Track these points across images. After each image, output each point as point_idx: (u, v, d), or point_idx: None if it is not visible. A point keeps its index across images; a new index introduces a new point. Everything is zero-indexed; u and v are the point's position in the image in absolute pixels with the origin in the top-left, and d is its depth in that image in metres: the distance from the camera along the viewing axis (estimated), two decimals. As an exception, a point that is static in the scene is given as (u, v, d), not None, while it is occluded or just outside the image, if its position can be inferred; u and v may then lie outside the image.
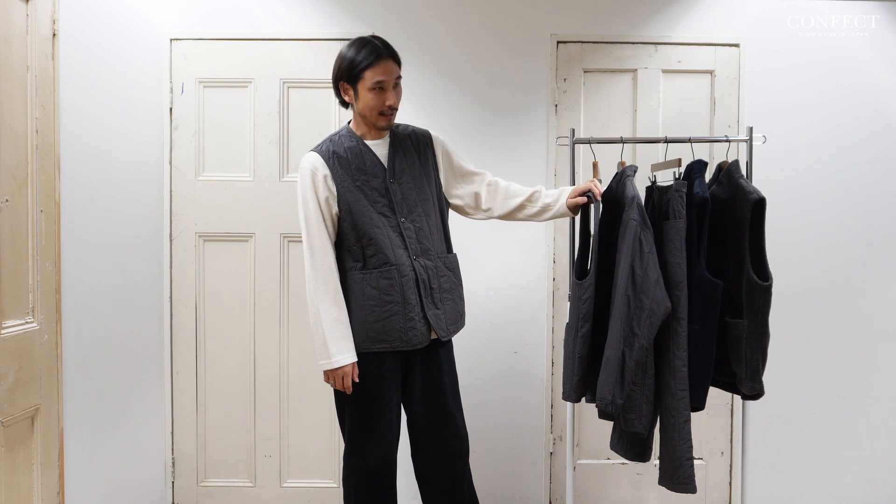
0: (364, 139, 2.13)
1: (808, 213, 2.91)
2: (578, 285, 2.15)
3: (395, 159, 2.13)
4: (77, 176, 2.52)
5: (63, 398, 2.25)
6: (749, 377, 2.09)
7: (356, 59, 2.03)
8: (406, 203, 2.11)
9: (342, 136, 2.14)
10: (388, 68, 2.04)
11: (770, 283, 2.05)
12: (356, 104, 2.08)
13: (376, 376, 2.09)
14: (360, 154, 2.10)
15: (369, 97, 2.04)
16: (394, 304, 2.06)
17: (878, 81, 2.92)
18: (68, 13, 2.47)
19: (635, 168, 2.23)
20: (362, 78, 2.03)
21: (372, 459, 2.10)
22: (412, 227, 2.11)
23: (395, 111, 2.10)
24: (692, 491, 2.06)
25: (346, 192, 2.06)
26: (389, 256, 2.06)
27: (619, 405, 2.05)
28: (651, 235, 2.06)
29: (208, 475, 2.92)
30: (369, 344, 2.07)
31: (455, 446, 2.16)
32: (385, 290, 2.06)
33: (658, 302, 2.01)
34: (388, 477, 2.15)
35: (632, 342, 2.04)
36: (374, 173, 2.10)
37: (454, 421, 2.17)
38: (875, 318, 2.93)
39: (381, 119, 2.07)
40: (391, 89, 2.06)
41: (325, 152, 2.09)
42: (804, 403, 2.94)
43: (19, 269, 2.01)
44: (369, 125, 2.11)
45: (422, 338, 2.10)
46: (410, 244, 2.09)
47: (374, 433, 2.10)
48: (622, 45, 2.90)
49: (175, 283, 2.88)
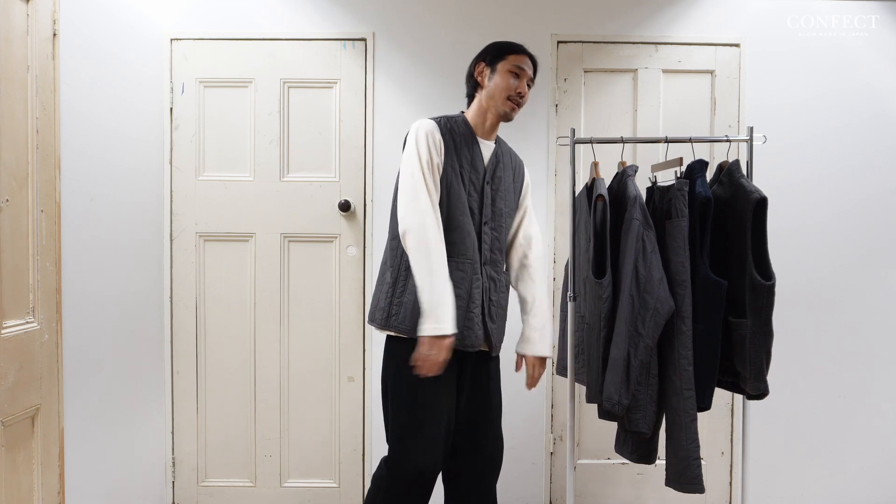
0: (476, 134, 2.12)
1: (808, 213, 2.91)
2: (599, 284, 2.13)
3: (496, 165, 2.12)
4: (78, 176, 2.52)
5: (63, 398, 2.25)
6: (754, 377, 2.09)
7: (506, 44, 2.11)
8: (493, 209, 2.09)
9: (458, 121, 2.11)
10: (529, 64, 2.11)
11: (773, 282, 2.05)
12: (487, 87, 2.08)
13: (439, 374, 1.95)
14: (472, 144, 2.08)
15: (506, 79, 2.06)
16: (460, 299, 1.98)
17: (879, 81, 2.92)
18: (69, 13, 2.47)
19: (636, 168, 2.23)
20: (505, 59, 2.07)
21: (423, 464, 1.95)
22: (490, 234, 2.08)
23: (521, 104, 2.10)
24: (700, 491, 2.06)
25: (449, 169, 2.02)
26: (468, 250, 2.01)
27: (624, 405, 2.05)
28: (654, 235, 2.06)
29: (209, 475, 2.92)
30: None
31: (493, 455, 2.12)
32: (457, 281, 1.98)
33: (662, 301, 2.01)
34: (428, 485, 2.01)
35: (636, 342, 2.03)
36: (476, 168, 2.08)
37: (494, 430, 2.13)
38: (875, 317, 2.93)
39: (507, 104, 2.07)
40: (524, 81, 2.09)
41: (442, 125, 2.06)
42: (804, 403, 2.94)
43: (20, 268, 2.01)
44: (491, 114, 2.09)
45: (475, 341, 2.02)
46: (484, 249, 2.06)
47: (422, 437, 1.96)
48: (622, 45, 2.90)
49: (175, 283, 2.88)
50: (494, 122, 2.12)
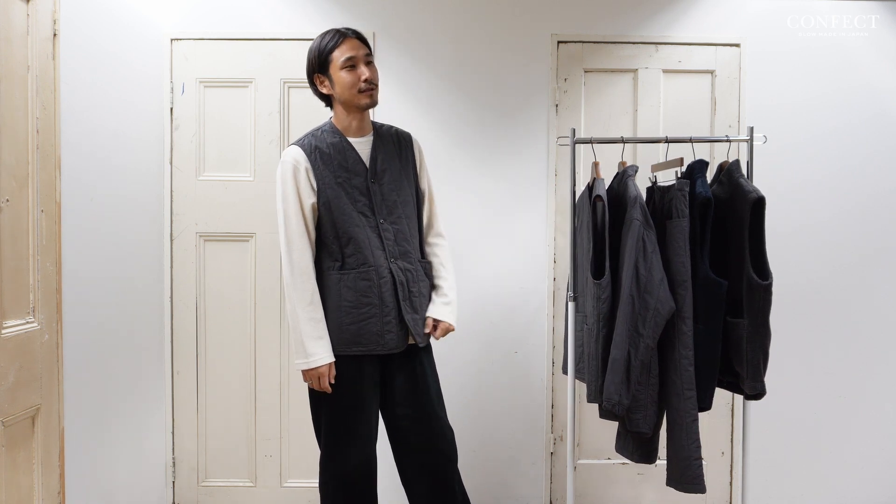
0: (346, 135, 2.10)
1: (808, 213, 2.91)
2: (597, 285, 2.13)
3: (377, 159, 2.10)
4: (78, 176, 2.52)
5: (64, 398, 2.25)
6: (751, 377, 2.09)
7: (321, 46, 2.05)
8: (386, 204, 2.08)
9: (325, 132, 2.10)
10: (354, 44, 2.04)
11: (770, 282, 2.05)
12: (335, 92, 2.06)
13: (355, 379, 2.05)
14: (343, 151, 2.07)
15: (343, 76, 2.02)
16: (371, 307, 2.02)
17: (879, 81, 2.92)
18: (69, 13, 2.46)
19: (636, 168, 2.23)
20: (331, 61, 2.03)
21: (352, 463, 2.05)
22: (391, 229, 2.08)
23: (375, 87, 2.06)
24: (701, 491, 2.06)
25: (326, 189, 2.03)
26: (368, 257, 2.03)
27: (625, 405, 2.05)
28: (654, 235, 2.06)
29: (209, 475, 2.92)
30: (344, 347, 2.03)
31: (442, 447, 2.12)
32: (363, 291, 2.02)
33: (663, 302, 2.01)
34: (369, 481, 2.10)
35: (637, 342, 2.04)
36: (356, 171, 2.07)
37: (439, 421, 2.12)
38: (875, 317, 2.94)
39: (362, 97, 2.03)
40: (363, 65, 2.03)
41: (306, 146, 2.06)
42: (804, 403, 2.94)
43: (20, 268, 2.01)
44: (352, 111, 2.08)
45: (398, 342, 2.06)
46: (388, 246, 2.06)
47: (353, 437, 2.05)
48: (623, 45, 2.90)
49: (176, 283, 2.88)
50: (360, 116, 2.10)
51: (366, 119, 2.13)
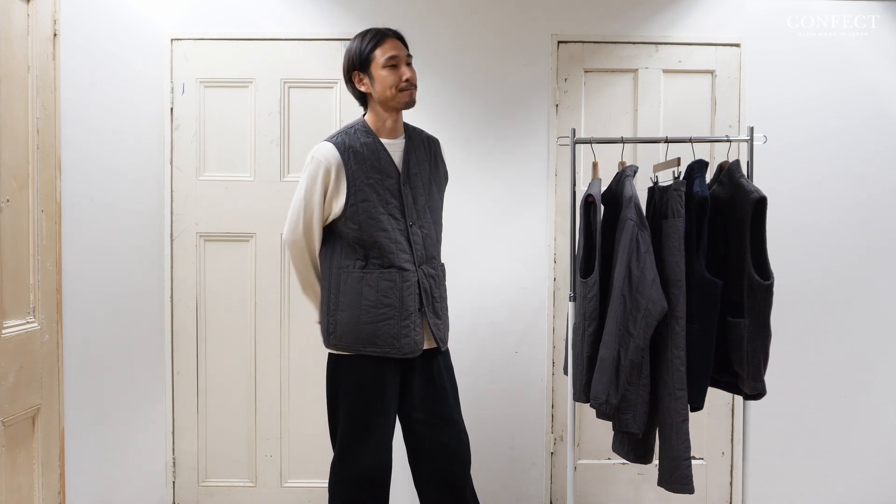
0: (379, 136, 2.08)
1: (808, 213, 2.91)
2: (584, 284, 2.14)
3: (409, 162, 2.09)
4: (78, 176, 2.52)
5: (64, 398, 2.25)
6: (751, 377, 2.09)
7: (362, 44, 2.04)
8: (416, 208, 2.07)
9: (357, 131, 2.07)
10: (396, 45, 2.04)
11: (771, 282, 2.05)
12: (374, 90, 2.04)
13: (376, 381, 2.04)
14: (376, 152, 2.05)
15: (384, 75, 2.01)
16: (390, 308, 2.00)
17: (879, 81, 2.92)
18: (69, 13, 2.47)
19: (635, 168, 2.23)
20: (373, 59, 2.02)
21: (366, 466, 2.03)
22: (420, 234, 2.06)
23: (415, 87, 2.06)
24: (690, 491, 2.05)
25: (357, 190, 2.00)
26: (393, 259, 2.01)
27: (613, 405, 2.04)
28: (648, 235, 2.06)
29: (209, 475, 2.92)
30: (360, 346, 2.02)
31: (457, 452, 2.10)
32: (384, 292, 2.00)
33: (654, 302, 2.01)
34: (382, 485, 2.07)
35: (627, 342, 2.03)
36: (388, 173, 2.05)
37: (456, 427, 2.12)
38: (875, 317, 2.93)
39: (402, 96, 2.03)
40: (404, 65, 2.04)
41: (340, 145, 2.03)
42: (804, 403, 2.94)
43: (20, 269, 2.01)
44: (389, 111, 2.07)
45: (414, 347, 2.03)
46: (417, 250, 2.05)
47: (369, 438, 2.03)
48: (623, 45, 2.90)
49: (176, 283, 2.88)
50: (395, 117, 2.09)
51: (400, 120, 2.12)
